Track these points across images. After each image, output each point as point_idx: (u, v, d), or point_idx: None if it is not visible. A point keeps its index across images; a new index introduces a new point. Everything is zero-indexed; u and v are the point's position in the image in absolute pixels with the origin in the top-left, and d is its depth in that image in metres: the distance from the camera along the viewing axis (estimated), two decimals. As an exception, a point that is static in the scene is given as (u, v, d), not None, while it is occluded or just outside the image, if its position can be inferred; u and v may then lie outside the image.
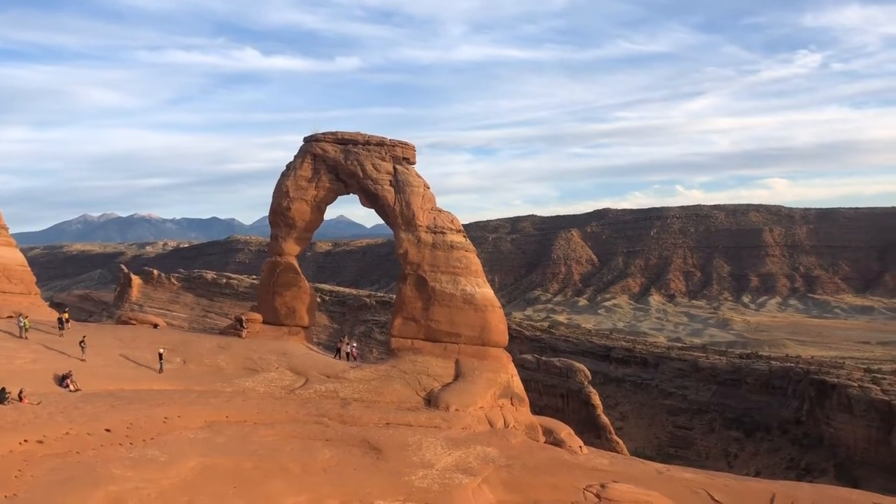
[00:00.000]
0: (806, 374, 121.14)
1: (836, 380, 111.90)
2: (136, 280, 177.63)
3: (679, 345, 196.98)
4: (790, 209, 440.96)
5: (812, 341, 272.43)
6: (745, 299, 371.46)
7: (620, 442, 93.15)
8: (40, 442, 26.11)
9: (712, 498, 37.29)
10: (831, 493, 40.86)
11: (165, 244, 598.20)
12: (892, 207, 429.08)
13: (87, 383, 35.22)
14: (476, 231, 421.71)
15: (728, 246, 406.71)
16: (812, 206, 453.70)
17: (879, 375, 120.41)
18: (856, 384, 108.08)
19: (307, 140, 53.19)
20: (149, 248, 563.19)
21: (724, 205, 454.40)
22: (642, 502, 34.50)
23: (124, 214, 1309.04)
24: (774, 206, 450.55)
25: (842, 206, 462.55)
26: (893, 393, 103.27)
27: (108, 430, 28.68)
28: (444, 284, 49.29)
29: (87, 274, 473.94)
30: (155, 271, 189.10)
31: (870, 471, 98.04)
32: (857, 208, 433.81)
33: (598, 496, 34.67)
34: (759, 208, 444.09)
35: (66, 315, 49.56)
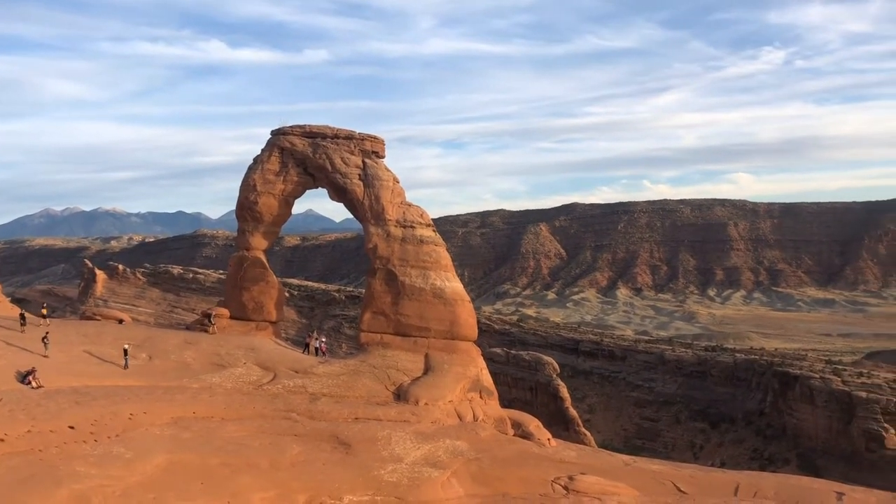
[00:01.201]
0: (769, 367, 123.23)
1: (798, 371, 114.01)
2: (100, 275, 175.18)
3: (646, 338, 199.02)
4: (755, 204, 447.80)
5: (776, 334, 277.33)
6: (711, 293, 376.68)
7: (588, 434, 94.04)
8: (1, 440, 25.62)
9: (678, 489, 37.78)
10: (793, 483, 41.62)
11: (130, 239, 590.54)
12: (853, 202, 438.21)
13: (51, 380, 34.63)
14: (446, 225, 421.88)
15: (694, 240, 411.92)
16: (776, 201, 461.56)
17: (840, 367, 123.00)
18: (817, 376, 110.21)
19: (275, 133, 52.72)
20: (113, 243, 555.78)
21: (690, 199, 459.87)
22: (609, 493, 34.84)
23: (88, 208, 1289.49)
24: (739, 200, 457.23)
25: (805, 200, 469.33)
26: (853, 384, 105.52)
27: (71, 428, 28.24)
28: (413, 279, 49.25)
29: (50, 269, 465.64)
30: (120, 266, 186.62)
31: (831, 460, 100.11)
32: (819, 203, 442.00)
33: (566, 488, 34.94)
34: (724, 203, 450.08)
35: (45, 311, 49.41)
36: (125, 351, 41.07)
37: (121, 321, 57.69)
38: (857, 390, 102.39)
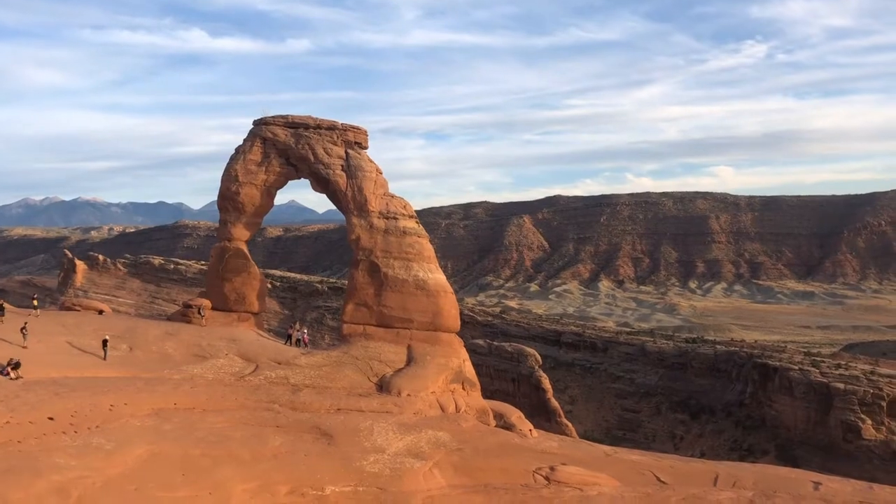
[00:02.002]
0: (749, 358, 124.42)
1: (778, 363, 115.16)
2: (80, 265, 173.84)
3: (627, 329, 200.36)
4: (736, 197, 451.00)
5: (756, 326, 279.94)
6: (692, 285, 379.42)
7: (570, 425, 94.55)
8: (-20, 431, 25.38)
9: (658, 479, 38.10)
10: (771, 473, 42.07)
11: (111, 229, 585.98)
12: (833, 196, 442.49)
13: (30, 371, 34.32)
14: (429, 217, 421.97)
15: (675, 233, 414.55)
16: (757, 194, 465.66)
17: (819, 359, 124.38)
18: (796, 367, 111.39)
19: (257, 123, 52.41)
20: (94, 233, 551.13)
21: (672, 192, 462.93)
22: (590, 484, 35.07)
23: (68, 198, 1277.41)
24: (720, 193, 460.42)
25: (785, 194, 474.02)
26: (832, 375, 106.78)
27: (51, 419, 28.01)
28: (396, 270, 49.22)
29: (30, 259, 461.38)
30: (100, 256, 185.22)
31: (809, 451, 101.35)
32: (799, 196, 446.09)
33: (547, 478, 35.13)
34: (705, 196, 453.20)
35: (35, 302, 49.20)
36: (105, 342, 40.75)
37: (101, 312, 57.27)
38: (835, 382, 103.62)
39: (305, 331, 55.06)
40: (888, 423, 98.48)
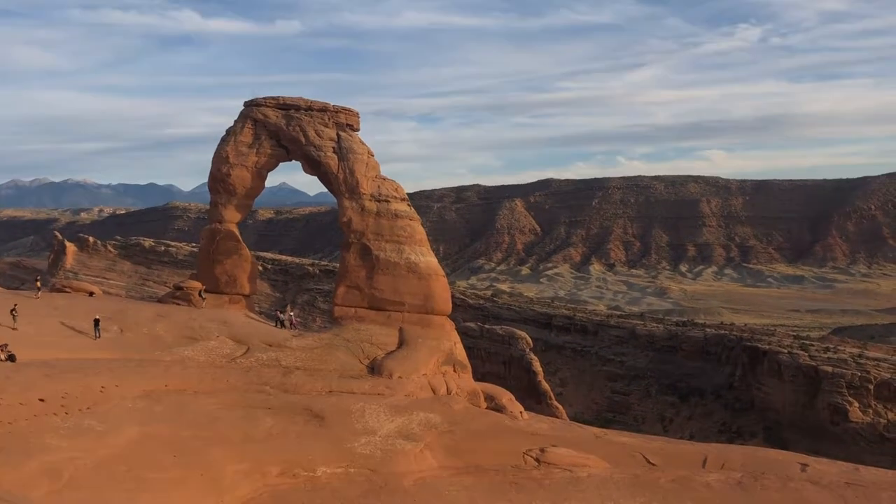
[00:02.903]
0: (739, 342, 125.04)
1: (767, 347, 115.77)
2: (70, 247, 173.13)
3: (618, 313, 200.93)
4: (727, 180, 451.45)
5: (746, 309, 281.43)
6: (683, 268, 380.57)
7: (560, 407, 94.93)
8: (-30, 413, 25.34)
9: (647, 461, 38.40)
10: (760, 455, 42.43)
11: (101, 210, 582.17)
12: (824, 180, 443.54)
13: (20, 353, 34.19)
14: (421, 200, 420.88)
15: (667, 216, 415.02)
16: (748, 178, 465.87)
17: (808, 342, 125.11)
18: (785, 351, 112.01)
19: (248, 104, 52.10)
20: (84, 215, 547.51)
21: (664, 176, 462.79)
22: (580, 465, 35.34)
23: (58, 179, 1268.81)
24: (712, 177, 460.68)
25: (777, 177, 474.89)
26: (820, 359, 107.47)
27: (42, 400, 27.97)
28: (388, 253, 49.18)
29: (19, 241, 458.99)
30: (91, 238, 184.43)
31: (796, 433, 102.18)
32: (791, 180, 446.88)
33: (537, 460, 35.38)
34: (697, 179, 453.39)
35: (39, 283, 49.12)
36: (96, 322, 40.65)
37: (91, 294, 57.08)
38: (824, 365, 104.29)
39: (292, 314, 55.09)
40: (875, 405, 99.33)
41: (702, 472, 36.69)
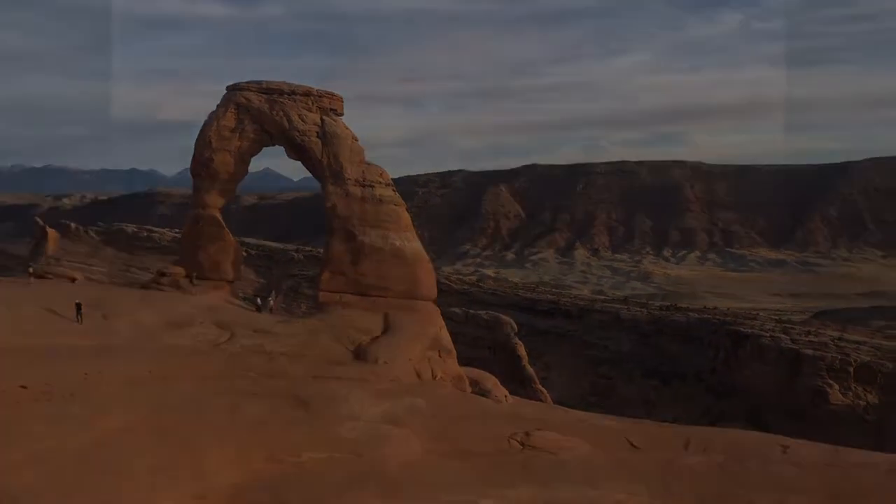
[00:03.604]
0: (722, 325, 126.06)
1: (749, 330, 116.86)
2: (52, 233, 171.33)
3: (602, 297, 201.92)
4: (710, 166, 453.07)
5: (729, 294, 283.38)
6: (666, 253, 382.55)
7: (545, 391, 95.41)
8: (-49, 400, 25.17)
9: (631, 443, 38.72)
10: (742, 438, 42.87)
11: (83, 196, 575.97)
12: (807, 165, 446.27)
13: (1, 339, 33.98)
14: (406, 185, 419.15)
15: (650, 202, 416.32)
16: (731, 163, 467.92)
17: (789, 325, 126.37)
18: (768, 334, 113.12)
19: (230, 88, 51.68)
20: (65, 200, 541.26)
21: (648, 161, 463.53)
22: (564, 448, 35.60)
23: (38, 165, 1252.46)
24: (695, 162, 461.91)
25: (761, 162, 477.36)
26: (801, 342, 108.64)
27: (23, 388, 27.83)
28: (372, 238, 49.12)
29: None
30: (72, 224, 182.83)
31: (778, 416, 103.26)
32: (773, 165, 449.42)
33: (522, 443, 35.59)
34: (681, 165, 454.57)
35: (31, 271, 48.78)
36: (78, 306, 40.39)
37: (74, 280, 56.75)
38: (805, 348, 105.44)
39: (270, 299, 55.12)
40: (855, 388, 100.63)
41: (684, 454, 37.05)
